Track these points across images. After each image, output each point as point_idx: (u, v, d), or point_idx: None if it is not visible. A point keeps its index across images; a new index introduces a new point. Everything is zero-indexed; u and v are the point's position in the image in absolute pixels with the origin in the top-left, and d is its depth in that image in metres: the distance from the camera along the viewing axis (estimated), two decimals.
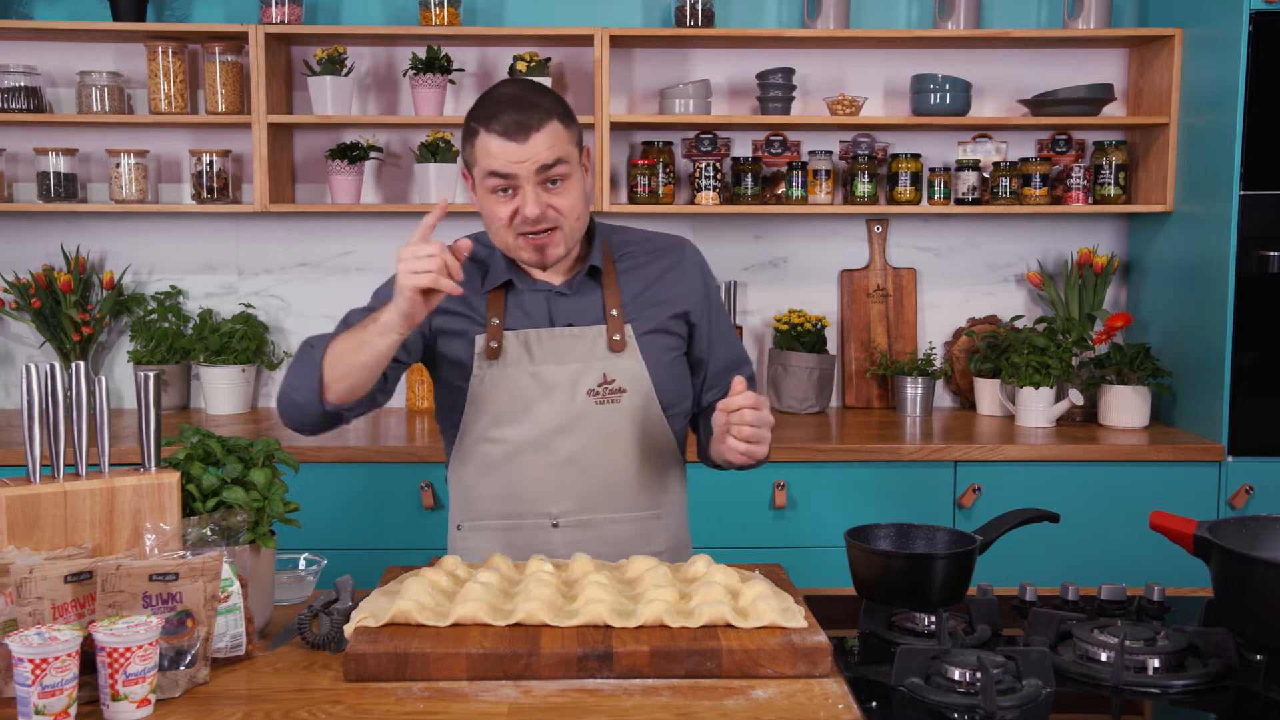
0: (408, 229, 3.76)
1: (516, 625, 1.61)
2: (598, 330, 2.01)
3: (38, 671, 1.38)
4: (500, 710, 1.46)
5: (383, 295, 2.05)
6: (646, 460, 2.05)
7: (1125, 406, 3.41)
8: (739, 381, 1.87)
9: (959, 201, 3.62)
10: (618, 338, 2.01)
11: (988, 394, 3.62)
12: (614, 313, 2.02)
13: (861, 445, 3.19)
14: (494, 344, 2.00)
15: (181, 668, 1.52)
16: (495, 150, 1.89)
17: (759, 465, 1.96)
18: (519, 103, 1.91)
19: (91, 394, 1.69)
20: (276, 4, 3.43)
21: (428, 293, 1.78)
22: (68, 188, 3.55)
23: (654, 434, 2.05)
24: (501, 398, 2.01)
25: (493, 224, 1.96)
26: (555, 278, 2.04)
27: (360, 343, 1.86)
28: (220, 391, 3.60)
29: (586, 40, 3.49)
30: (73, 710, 1.42)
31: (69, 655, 1.39)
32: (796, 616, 1.63)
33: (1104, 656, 1.61)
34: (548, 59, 3.51)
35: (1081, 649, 1.63)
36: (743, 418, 1.85)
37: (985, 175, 3.64)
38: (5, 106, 3.46)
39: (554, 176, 1.91)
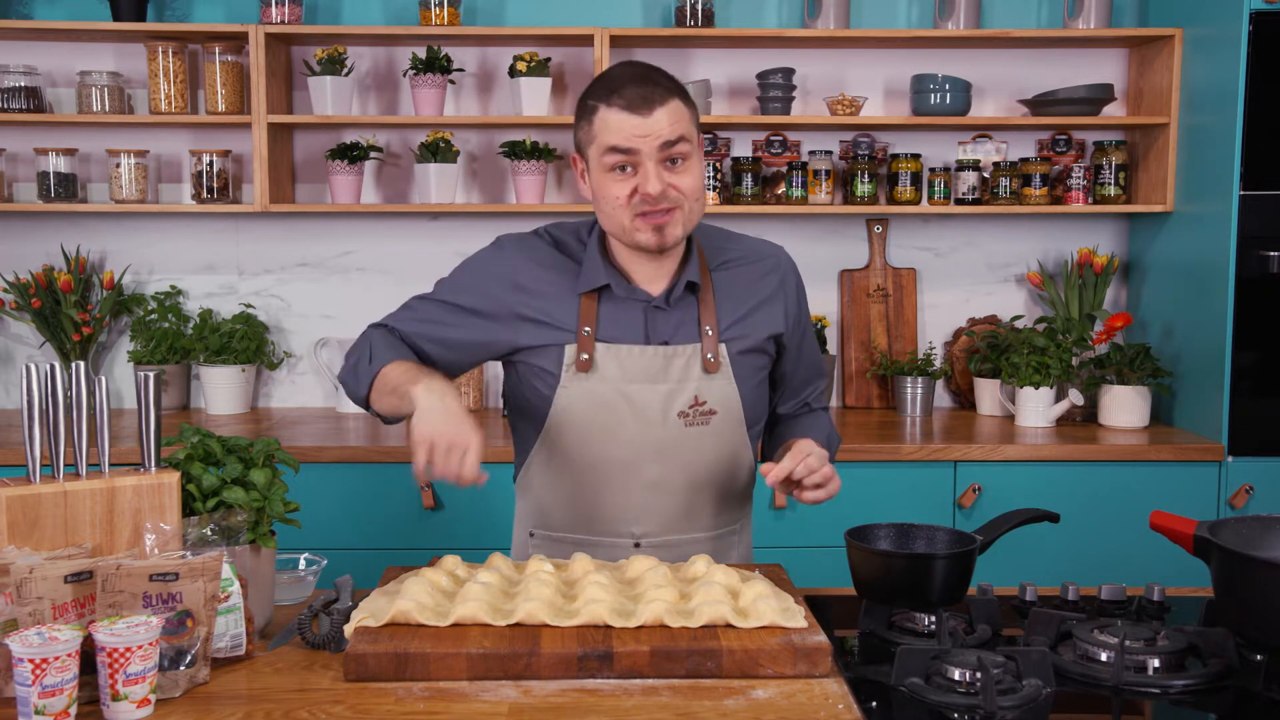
0: (408, 229, 3.76)
1: (516, 625, 1.61)
2: (693, 349, 1.93)
3: (38, 671, 1.38)
4: (500, 710, 1.46)
5: (443, 292, 2.04)
6: (730, 480, 2.01)
7: (1125, 406, 3.41)
8: (798, 449, 1.83)
9: (959, 201, 3.62)
10: (712, 357, 1.93)
11: (988, 394, 3.62)
12: (709, 331, 1.94)
13: (861, 445, 3.19)
14: (585, 356, 1.92)
15: (181, 668, 1.52)
16: (616, 124, 1.82)
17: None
18: (642, 79, 1.84)
19: (91, 394, 1.69)
20: (276, 4, 3.43)
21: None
22: (68, 188, 3.55)
23: (738, 453, 2.00)
24: (590, 414, 1.94)
25: (607, 205, 1.87)
26: (654, 287, 1.95)
27: (397, 395, 1.88)
28: (220, 391, 3.60)
29: (586, 40, 3.49)
30: (73, 710, 1.42)
31: (69, 655, 1.39)
32: (796, 616, 1.63)
33: (1104, 656, 1.61)
34: (548, 59, 3.51)
35: (1081, 649, 1.63)
36: (809, 466, 1.81)
37: (985, 175, 3.64)
38: (5, 106, 3.46)
39: (676, 155, 1.84)
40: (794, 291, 2.05)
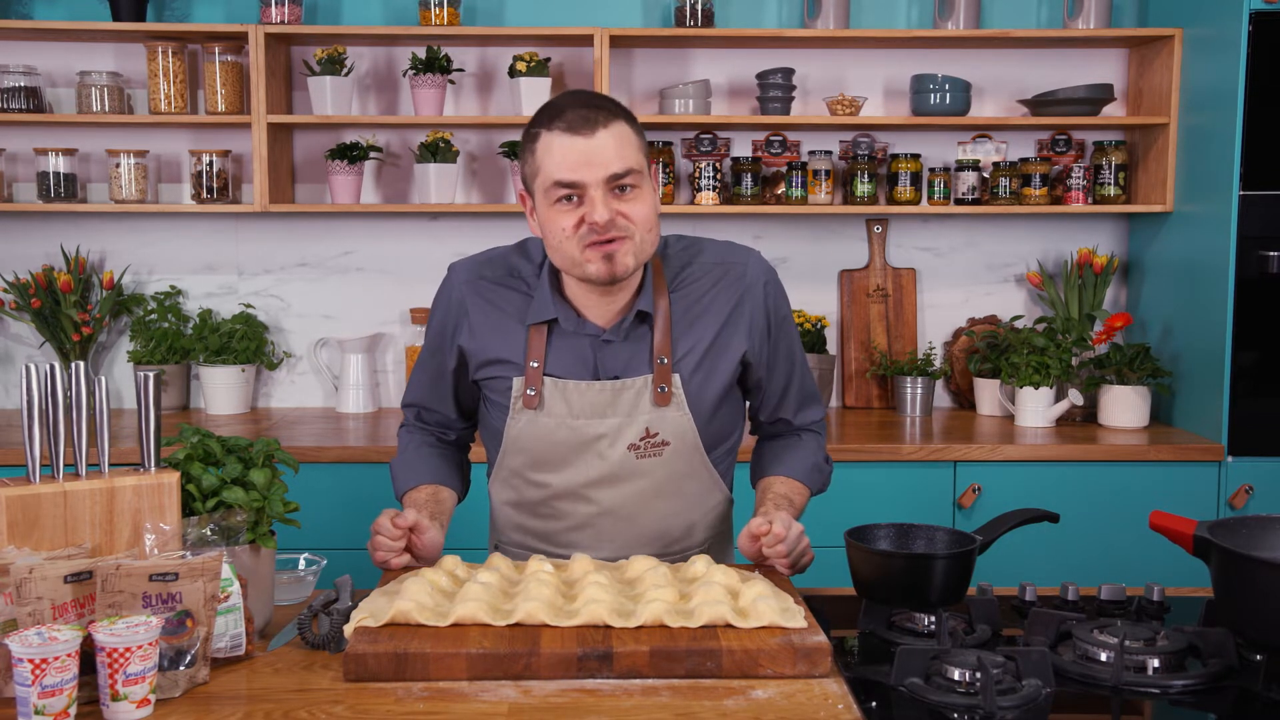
0: (408, 229, 3.76)
1: (516, 625, 1.61)
2: (643, 381, 1.89)
3: (38, 671, 1.38)
4: (500, 710, 1.46)
5: (424, 352, 2.08)
6: (690, 506, 1.98)
7: (1125, 406, 3.41)
8: (764, 529, 1.81)
9: (959, 201, 3.62)
10: (664, 389, 1.89)
11: (987, 394, 3.62)
12: (662, 360, 1.89)
13: (861, 445, 3.19)
14: (531, 391, 1.90)
15: (181, 668, 1.52)
16: (559, 150, 1.77)
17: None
18: (583, 103, 1.80)
19: (91, 394, 1.69)
20: (276, 4, 3.43)
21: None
22: (68, 188, 3.55)
23: (698, 480, 1.97)
24: (538, 446, 1.93)
25: (555, 238, 1.82)
26: (605, 320, 1.91)
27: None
28: (220, 391, 3.60)
29: (586, 40, 3.49)
30: (72, 710, 1.42)
31: (69, 655, 1.39)
32: (796, 616, 1.63)
33: (1104, 656, 1.61)
34: (548, 59, 3.51)
35: (1081, 649, 1.63)
36: (777, 553, 1.81)
37: (985, 175, 3.64)
38: (5, 106, 3.46)
39: (623, 185, 1.79)
40: (761, 302, 1.97)
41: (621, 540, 1.97)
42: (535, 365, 1.90)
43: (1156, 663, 1.60)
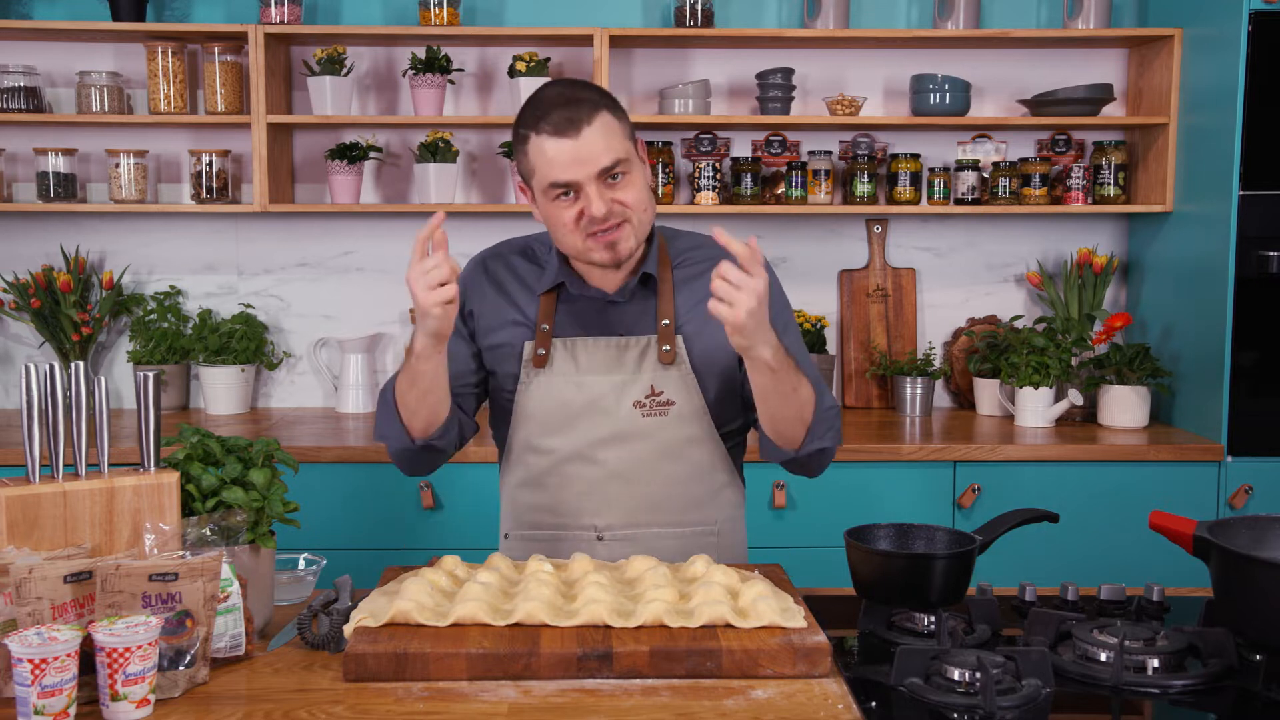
0: (408, 229, 3.76)
1: (516, 625, 1.61)
2: (648, 340, 1.97)
3: (37, 672, 1.38)
4: (500, 710, 1.46)
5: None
6: (696, 475, 2.01)
7: (1125, 406, 3.41)
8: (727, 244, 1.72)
9: (958, 201, 3.62)
10: (667, 349, 1.96)
11: (987, 394, 3.62)
12: (666, 322, 1.97)
13: (861, 445, 3.19)
14: (541, 351, 1.97)
15: (181, 668, 1.52)
16: (550, 152, 1.85)
17: (748, 341, 1.75)
18: (564, 99, 1.86)
19: (91, 394, 1.69)
20: (276, 4, 3.43)
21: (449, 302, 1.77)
22: (67, 188, 3.55)
23: (705, 448, 2.00)
24: (546, 407, 1.98)
25: (559, 230, 1.91)
26: (609, 285, 1.99)
27: (412, 378, 1.89)
28: (220, 391, 3.60)
29: (586, 40, 3.49)
30: (72, 710, 1.42)
31: (68, 655, 1.39)
32: (796, 616, 1.63)
33: (1104, 656, 1.61)
34: (547, 59, 3.51)
35: (1081, 649, 1.63)
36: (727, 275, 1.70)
37: (985, 175, 3.64)
38: (5, 106, 3.46)
39: (615, 174, 1.87)
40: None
41: (630, 506, 1.99)
42: (546, 328, 1.98)
43: (1156, 663, 1.60)
